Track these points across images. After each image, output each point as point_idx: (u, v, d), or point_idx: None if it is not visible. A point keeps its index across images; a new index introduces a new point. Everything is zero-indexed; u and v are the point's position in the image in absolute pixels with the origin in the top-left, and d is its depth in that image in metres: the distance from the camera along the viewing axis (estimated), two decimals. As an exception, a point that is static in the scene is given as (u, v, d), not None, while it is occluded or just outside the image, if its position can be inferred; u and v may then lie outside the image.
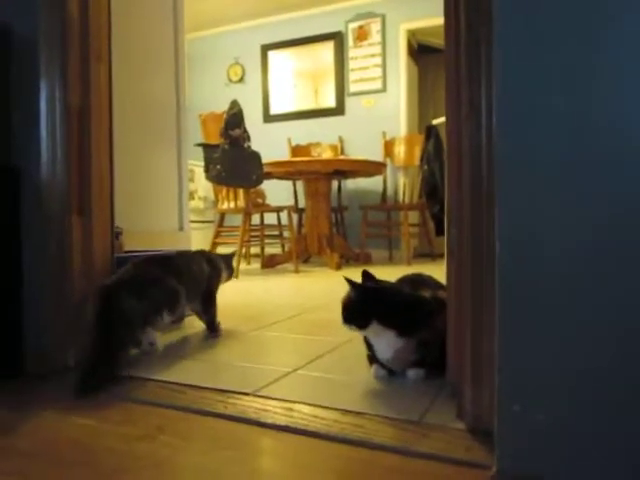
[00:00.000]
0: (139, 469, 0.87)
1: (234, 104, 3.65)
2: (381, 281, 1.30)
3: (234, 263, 1.91)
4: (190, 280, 1.60)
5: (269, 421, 1.03)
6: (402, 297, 1.24)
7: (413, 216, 4.97)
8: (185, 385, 1.24)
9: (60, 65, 1.38)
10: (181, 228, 2.47)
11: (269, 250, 4.97)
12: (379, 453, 0.91)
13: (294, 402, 1.11)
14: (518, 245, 0.68)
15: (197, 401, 1.14)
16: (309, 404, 1.10)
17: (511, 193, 0.69)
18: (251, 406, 1.11)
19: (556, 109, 0.66)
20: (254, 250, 5.13)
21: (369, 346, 1.28)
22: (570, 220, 0.65)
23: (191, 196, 5.59)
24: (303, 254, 4.60)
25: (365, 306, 1.19)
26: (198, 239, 5.15)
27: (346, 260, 4.69)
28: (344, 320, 1.21)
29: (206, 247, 4.42)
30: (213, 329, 1.76)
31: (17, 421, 1.08)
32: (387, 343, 1.21)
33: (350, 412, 1.05)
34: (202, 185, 5.46)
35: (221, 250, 5.41)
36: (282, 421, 1.03)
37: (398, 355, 1.22)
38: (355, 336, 1.56)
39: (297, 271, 4.00)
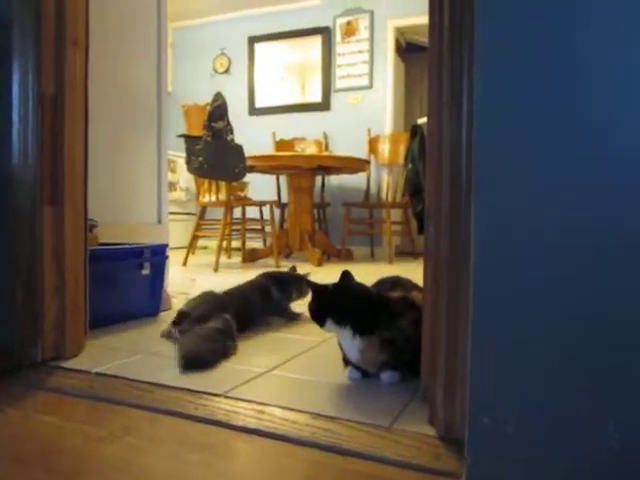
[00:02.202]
0: (101, 472, 0.84)
1: (218, 96, 3.60)
2: (356, 282, 1.30)
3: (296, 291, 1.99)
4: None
5: (239, 423, 1.01)
6: (358, 297, 1.25)
7: (396, 214, 4.97)
8: (155, 384, 1.21)
9: (34, 48, 1.33)
10: (159, 221, 2.42)
11: (250, 244, 4.94)
12: (349, 459, 0.89)
13: (266, 404, 1.09)
14: (494, 246, 0.67)
15: (166, 401, 1.11)
16: (281, 406, 1.08)
17: (488, 192, 0.68)
18: (221, 408, 1.08)
19: (537, 107, 0.65)
20: (235, 244, 5.09)
21: (341, 347, 1.27)
22: (548, 220, 0.64)
23: (173, 187, 5.53)
24: (285, 249, 4.58)
25: (321, 305, 1.24)
26: (180, 231, 5.10)
27: (328, 256, 4.68)
28: (311, 317, 1.27)
29: (186, 239, 4.38)
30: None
31: (-23, 419, 1.05)
32: (350, 343, 1.21)
33: (322, 416, 1.03)
34: (184, 176, 5.40)
35: (203, 243, 5.37)
36: (252, 424, 1.01)
37: (364, 355, 1.21)
38: (330, 336, 1.55)
39: (278, 266, 3.97)
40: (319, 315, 1.24)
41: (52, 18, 1.35)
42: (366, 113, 5.36)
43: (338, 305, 1.23)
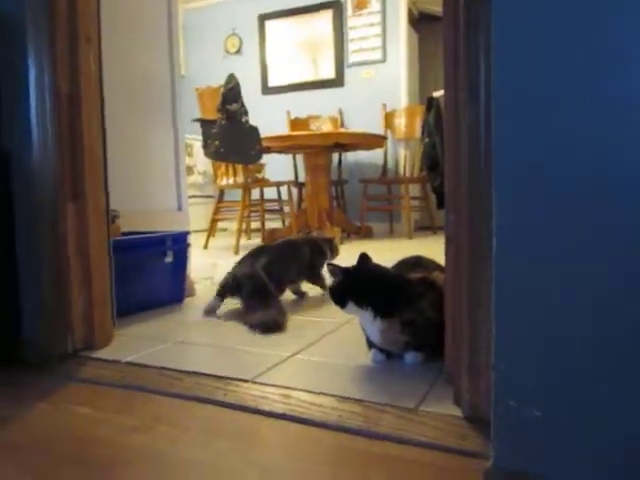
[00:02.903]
0: (134, 462, 0.87)
1: (231, 78, 3.58)
2: (375, 264, 1.30)
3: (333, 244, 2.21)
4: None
5: (267, 409, 1.03)
6: (378, 279, 1.26)
7: (414, 189, 4.93)
8: (183, 372, 1.23)
9: (48, 46, 1.34)
10: (179, 208, 2.44)
11: (269, 225, 4.96)
12: (376, 442, 0.91)
13: (292, 389, 1.11)
14: (515, 235, 0.66)
15: (195, 388, 1.14)
16: (307, 391, 1.10)
17: (509, 176, 0.67)
18: (250, 393, 1.11)
19: (558, 89, 0.64)
20: (254, 225, 5.11)
21: (364, 330, 1.28)
22: (572, 204, 0.63)
23: (190, 171, 5.55)
24: (304, 228, 4.58)
25: (342, 287, 1.26)
26: (199, 214, 5.13)
27: (347, 234, 4.68)
28: (332, 300, 1.28)
29: (206, 222, 4.41)
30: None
31: (12, 412, 1.08)
32: (371, 324, 1.23)
33: (348, 399, 1.05)
34: (201, 160, 5.41)
35: (222, 225, 5.40)
36: (280, 409, 1.03)
37: (385, 336, 1.23)
38: (352, 318, 1.56)
39: (298, 246, 3.99)
40: (340, 297, 1.25)
41: (65, 16, 1.35)
42: (380, 87, 5.28)
43: (359, 287, 1.24)
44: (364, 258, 1.30)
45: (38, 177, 1.36)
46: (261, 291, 1.76)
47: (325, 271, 1.79)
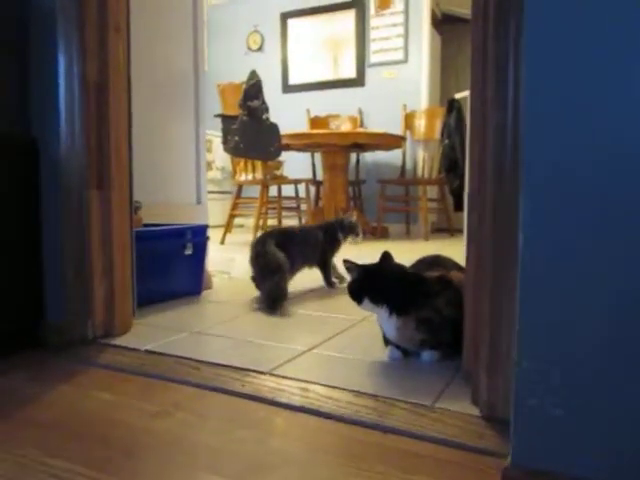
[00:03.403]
0: (155, 447, 0.88)
1: (253, 74, 3.60)
2: (394, 262, 1.31)
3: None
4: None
5: (284, 401, 1.04)
6: (394, 277, 1.27)
7: (432, 191, 4.91)
8: (202, 362, 1.25)
9: (78, 36, 1.36)
10: (199, 201, 2.46)
11: (286, 222, 4.97)
12: (391, 436, 0.91)
13: (309, 382, 1.12)
14: (543, 233, 0.67)
15: (213, 378, 1.16)
16: (324, 385, 1.11)
17: (537, 177, 0.67)
18: (267, 385, 1.12)
19: (591, 90, 0.63)
20: (271, 222, 5.13)
21: (380, 327, 1.29)
22: (599, 204, 0.63)
23: (209, 167, 5.58)
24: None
25: (359, 284, 1.27)
26: (216, 210, 5.16)
27: (364, 234, 4.67)
28: (350, 295, 1.29)
29: (223, 218, 4.44)
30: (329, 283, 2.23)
31: (36, 393, 1.11)
32: (387, 321, 1.23)
33: (364, 394, 1.06)
34: (220, 156, 5.44)
35: (239, 221, 5.43)
36: (297, 401, 1.04)
37: (401, 333, 1.23)
38: (369, 315, 1.56)
39: (314, 244, 4.00)
40: (357, 293, 1.26)
41: (94, 5, 1.37)
42: (401, 88, 5.27)
43: (375, 284, 1.25)
44: (386, 257, 1.30)
45: (65, 165, 1.39)
46: (271, 267, 1.87)
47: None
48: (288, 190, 4.86)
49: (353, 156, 5.09)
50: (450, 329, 1.19)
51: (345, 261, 1.31)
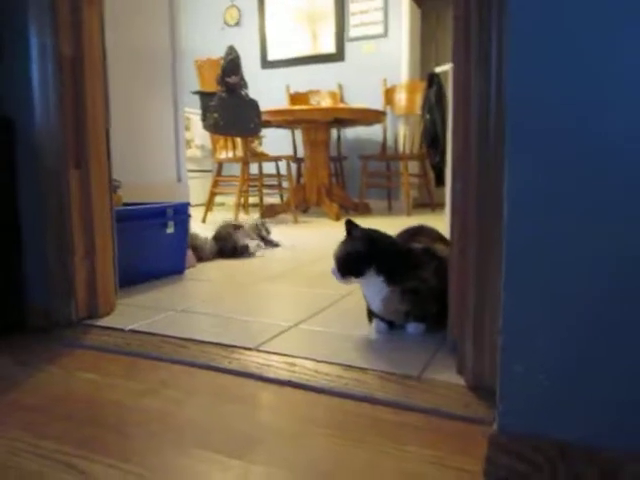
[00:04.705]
0: (144, 423, 0.88)
1: (231, 50, 3.53)
2: (374, 231, 1.29)
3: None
4: None
5: (272, 376, 1.05)
6: (382, 246, 1.24)
7: (413, 166, 4.91)
8: (188, 339, 1.25)
9: (50, 9, 1.31)
10: (179, 179, 2.43)
11: (268, 200, 4.94)
12: (381, 408, 0.93)
13: (296, 357, 1.13)
14: (528, 199, 0.67)
15: (200, 355, 1.15)
16: (311, 359, 1.11)
17: (523, 145, 0.67)
18: (254, 361, 1.12)
19: (573, 53, 0.63)
20: (252, 200, 5.09)
21: (366, 299, 1.29)
22: (593, 176, 0.64)
23: (188, 145, 5.50)
24: (302, 204, 4.58)
25: (345, 254, 1.22)
26: (197, 189, 5.11)
27: (345, 210, 4.67)
28: (336, 266, 1.23)
29: (203, 197, 4.40)
30: None
31: (22, 376, 1.10)
32: (373, 292, 1.23)
33: (352, 367, 1.06)
34: (199, 133, 5.36)
35: (220, 199, 5.38)
36: (285, 376, 1.04)
37: (386, 305, 1.23)
38: (355, 289, 1.57)
39: (296, 221, 4.00)
40: (341, 264, 1.23)
41: (66, -24, 1.32)
42: (381, 62, 5.22)
43: (381, 253, 1.22)
44: (350, 224, 1.25)
45: (41, 144, 1.35)
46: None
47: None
48: (269, 167, 4.82)
49: (334, 132, 5.05)
50: (434, 300, 1.20)
51: (347, 221, 1.24)
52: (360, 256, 1.21)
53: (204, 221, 4.02)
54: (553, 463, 0.67)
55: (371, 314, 1.32)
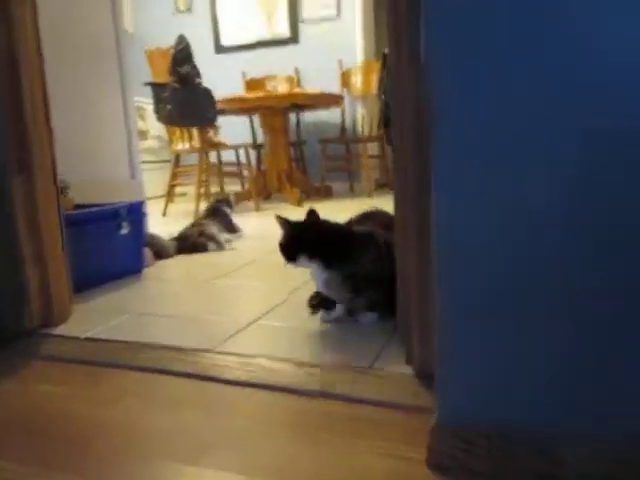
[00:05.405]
0: (106, 435, 0.89)
1: (181, 39, 3.46)
2: (321, 219, 1.30)
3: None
4: None
5: (229, 377, 1.06)
6: (323, 231, 1.27)
7: (373, 148, 4.93)
8: (145, 344, 1.25)
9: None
10: (133, 176, 2.38)
11: (229, 188, 4.90)
12: (334, 402, 0.95)
13: (253, 356, 1.14)
14: (453, 185, 0.69)
15: (158, 360, 1.16)
16: (267, 357, 1.13)
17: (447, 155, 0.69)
18: (212, 363, 1.13)
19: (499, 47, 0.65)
20: (214, 189, 5.04)
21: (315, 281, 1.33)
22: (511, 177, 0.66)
23: (144, 136, 5.39)
24: (263, 191, 4.56)
25: (291, 240, 1.27)
26: (156, 180, 5.03)
27: (307, 195, 4.68)
28: (281, 253, 1.28)
29: (163, 188, 4.34)
30: None
31: (-25, 393, 1.08)
32: (317, 276, 1.27)
33: (306, 363, 1.09)
34: (155, 124, 5.25)
35: (182, 190, 5.31)
36: (242, 377, 1.06)
37: (329, 288, 1.28)
38: (309, 279, 1.59)
39: (258, 209, 3.98)
40: (290, 249, 1.26)
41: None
42: (336, 43, 5.19)
43: (307, 240, 1.25)
44: (312, 213, 1.27)
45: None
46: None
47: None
48: (229, 155, 4.77)
49: (293, 117, 5.03)
50: (382, 288, 1.23)
51: (277, 217, 1.30)
52: (290, 243, 1.26)
53: (165, 214, 3.97)
54: (491, 447, 0.71)
55: (313, 302, 1.38)
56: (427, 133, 0.86)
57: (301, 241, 1.25)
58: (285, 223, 1.29)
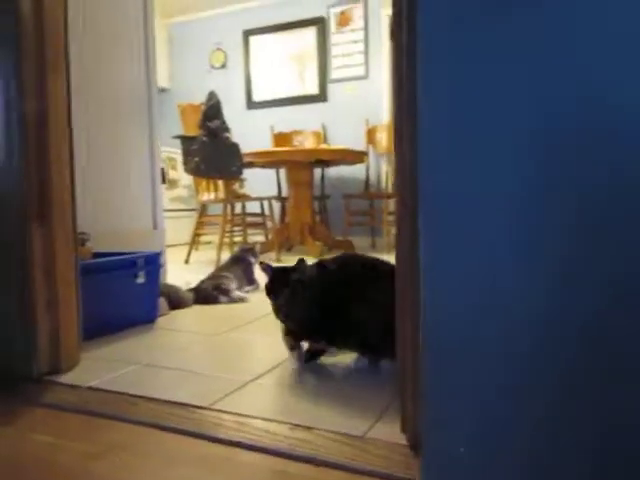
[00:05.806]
0: (87, 492, 0.89)
1: (212, 95, 3.62)
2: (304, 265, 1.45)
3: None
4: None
5: (223, 436, 1.05)
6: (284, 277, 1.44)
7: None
8: (143, 397, 1.25)
9: (14, 70, 1.36)
10: (155, 227, 2.45)
11: (252, 239, 4.98)
12: (324, 470, 0.93)
13: (248, 416, 1.13)
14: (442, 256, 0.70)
15: (153, 415, 1.16)
16: (262, 418, 1.12)
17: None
18: (207, 420, 1.13)
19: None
20: (238, 239, 5.13)
21: None
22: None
23: (175, 185, 5.58)
24: (286, 243, 4.61)
25: (271, 283, 1.46)
26: (184, 227, 5.16)
27: (329, 248, 4.71)
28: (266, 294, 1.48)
29: (189, 236, 4.43)
30: None
31: (-27, 440, 1.10)
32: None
33: (300, 426, 1.07)
34: (185, 174, 5.43)
35: (208, 238, 5.42)
36: (235, 436, 1.05)
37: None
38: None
39: (279, 260, 4.02)
40: (269, 290, 1.45)
41: (32, 42, 1.38)
42: (363, 103, 5.35)
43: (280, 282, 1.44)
44: (301, 261, 1.44)
45: (3, 197, 1.38)
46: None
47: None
48: (254, 207, 4.87)
49: (318, 171, 5.13)
50: (363, 331, 1.33)
51: (261, 263, 1.48)
52: (269, 285, 1.46)
53: (187, 262, 4.04)
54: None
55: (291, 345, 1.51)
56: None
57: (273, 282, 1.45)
58: (267, 268, 1.48)
